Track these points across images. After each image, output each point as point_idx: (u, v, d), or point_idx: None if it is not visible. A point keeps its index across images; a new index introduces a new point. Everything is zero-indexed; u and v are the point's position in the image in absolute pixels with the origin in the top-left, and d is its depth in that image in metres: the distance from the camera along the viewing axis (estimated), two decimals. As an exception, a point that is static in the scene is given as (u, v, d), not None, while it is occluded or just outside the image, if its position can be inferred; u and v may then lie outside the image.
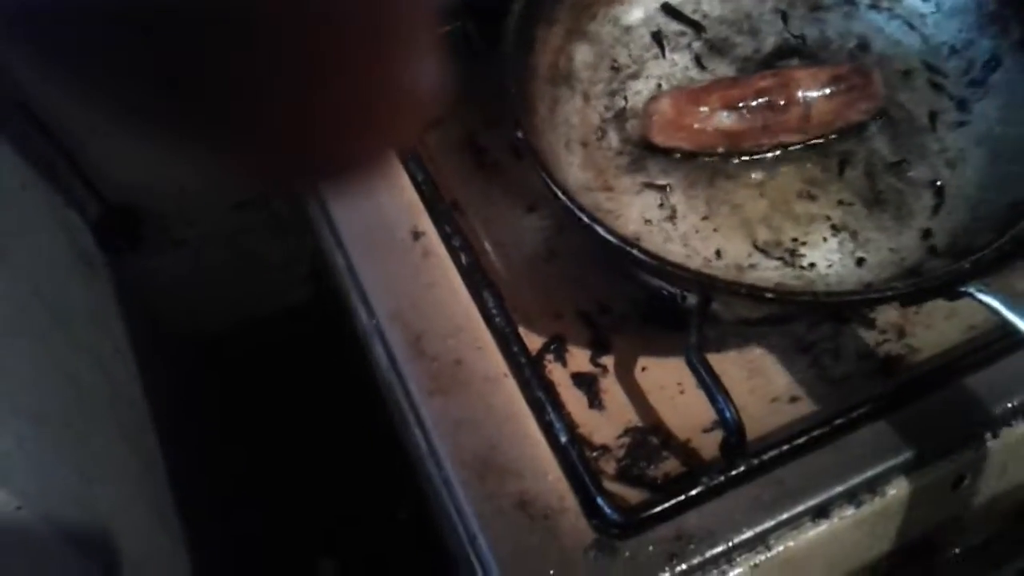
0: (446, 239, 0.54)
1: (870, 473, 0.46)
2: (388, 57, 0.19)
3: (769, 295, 0.45)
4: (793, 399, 0.49)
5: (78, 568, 0.65)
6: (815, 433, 0.46)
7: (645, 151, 0.55)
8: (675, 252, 0.51)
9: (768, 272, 0.51)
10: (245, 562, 0.97)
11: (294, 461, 1.01)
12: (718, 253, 0.51)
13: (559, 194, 0.46)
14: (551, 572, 0.43)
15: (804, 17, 0.62)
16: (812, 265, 0.52)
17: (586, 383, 0.51)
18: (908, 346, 0.51)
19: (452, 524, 0.48)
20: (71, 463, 0.68)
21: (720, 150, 0.54)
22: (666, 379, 0.51)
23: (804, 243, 0.53)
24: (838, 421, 0.46)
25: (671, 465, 0.48)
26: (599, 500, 0.45)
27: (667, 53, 0.60)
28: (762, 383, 0.50)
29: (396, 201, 0.56)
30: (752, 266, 0.52)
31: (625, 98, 0.57)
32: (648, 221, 0.52)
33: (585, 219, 0.45)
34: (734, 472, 0.45)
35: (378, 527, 1.02)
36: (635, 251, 0.45)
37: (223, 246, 1.03)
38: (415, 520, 1.03)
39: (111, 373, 0.85)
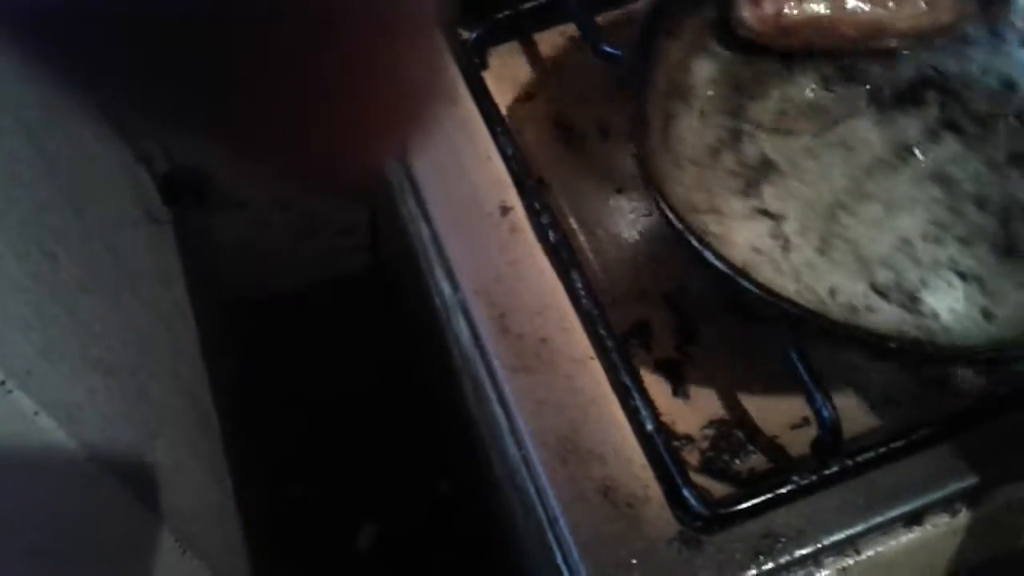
0: (534, 216, 0.53)
1: (969, 482, 0.44)
2: (386, 54, 0.19)
3: (892, 344, 0.43)
4: (888, 401, 0.48)
5: (140, 520, 0.66)
6: (914, 437, 0.45)
7: (758, 173, 0.52)
8: (785, 286, 0.48)
9: (885, 316, 0.48)
10: (290, 522, 0.97)
11: (341, 427, 1.01)
12: (832, 292, 0.49)
13: (671, 217, 0.44)
14: (633, 561, 0.43)
15: (945, 49, 0.57)
16: (935, 314, 0.48)
17: (670, 371, 0.50)
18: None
19: (528, 504, 0.48)
20: (135, 416, 0.69)
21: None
22: (755, 372, 0.50)
23: (926, 288, 0.48)
24: (938, 426, 0.45)
25: (757, 460, 0.47)
26: (685, 492, 0.44)
27: (793, 75, 0.57)
28: (856, 383, 0.49)
29: (484, 175, 0.55)
30: (869, 308, 0.48)
31: (743, 119, 0.55)
32: (757, 250, 0.49)
33: (695, 243, 0.44)
34: (827, 472, 0.44)
35: (419, 498, 1.03)
36: (748, 283, 0.43)
37: (284, 209, 1.03)
38: (456, 494, 1.03)
39: (172, 330, 0.85)
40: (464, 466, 0.90)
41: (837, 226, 0.51)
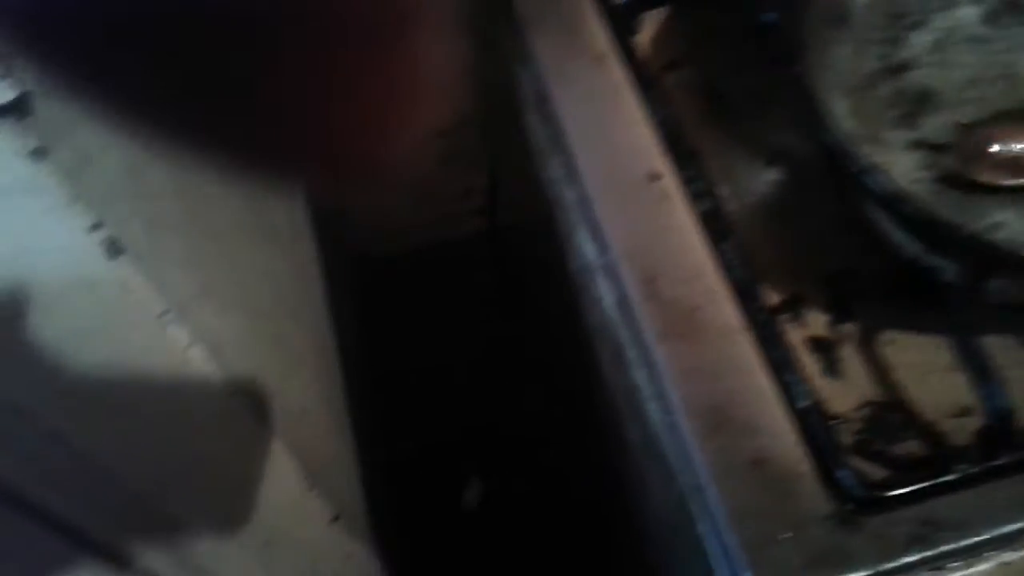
0: (685, 183, 0.52)
1: None
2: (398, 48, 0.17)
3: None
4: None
5: (273, 456, 0.69)
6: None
7: (918, 104, 0.50)
8: (947, 218, 0.47)
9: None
10: (400, 477, 1.00)
11: (452, 387, 1.04)
12: (996, 225, 0.47)
13: (836, 135, 0.43)
14: (786, 536, 0.42)
15: None
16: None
17: (823, 348, 0.49)
18: None
19: (669, 472, 0.48)
20: (272, 357, 0.72)
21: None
22: (912, 356, 0.48)
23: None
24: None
25: (913, 446, 0.46)
26: (841, 471, 0.43)
27: (957, 6, 0.54)
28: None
29: (634, 140, 0.54)
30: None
31: (902, 48, 0.53)
32: (917, 181, 0.48)
33: (857, 167, 0.42)
34: (996, 464, 0.42)
35: (524, 464, 1.04)
36: (914, 209, 0.41)
37: (405, 171, 1.05)
38: (561, 464, 1.04)
39: (303, 281, 0.88)
40: (577, 431, 0.91)
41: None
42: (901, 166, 0.49)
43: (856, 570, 0.41)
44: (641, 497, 0.58)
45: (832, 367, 0.48)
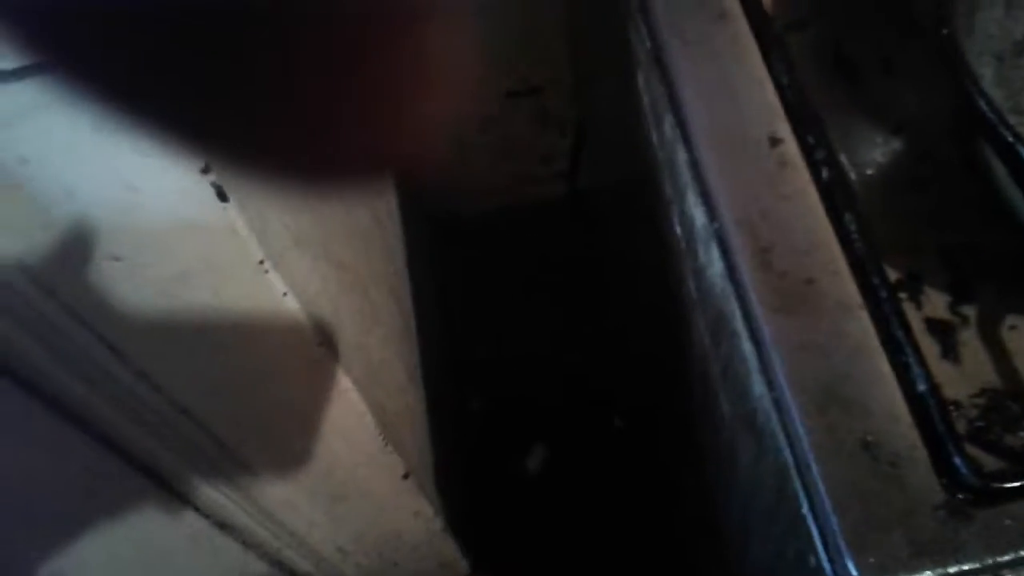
0: (807, 151, 0.50)
1: None
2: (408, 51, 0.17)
3: None
4: None
5: (353, 407, 0.69)
6: None
7: None
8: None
9: None
10: (467, 436, 1.01)
11: (523, 350, 1.03)
12: None
13: (982, 105, 0.40)
14: (893, 521, 0.40)
15: None
16: None
17: (941, 330, 0.47)
18: None
19: (768, 447, 0.46)
20: (356, 309, 0.72)
21: None
22: (1039, 344, 0.45)
23: None
24: None
25: (1034, 438, 0.43)
26: (957, 460, 0.41)
27: None
28: None
29: (754, 102, 0.52)
30: None
31: None
32: None
33: (1014, 136, 0.39)
34: None
35: (593, 429, 1.04)
36: None
37: (490, 131, 1.04)
38: (630, 431, 1.03)
39: (386, 237, 0.88)
40: (651, 399, 0.89)
41: None
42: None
43: (965, 563, 0.40)
44: (729, 470, 0.57)
45: (950, 351, 0.46)
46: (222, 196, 0.46)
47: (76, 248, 0.45)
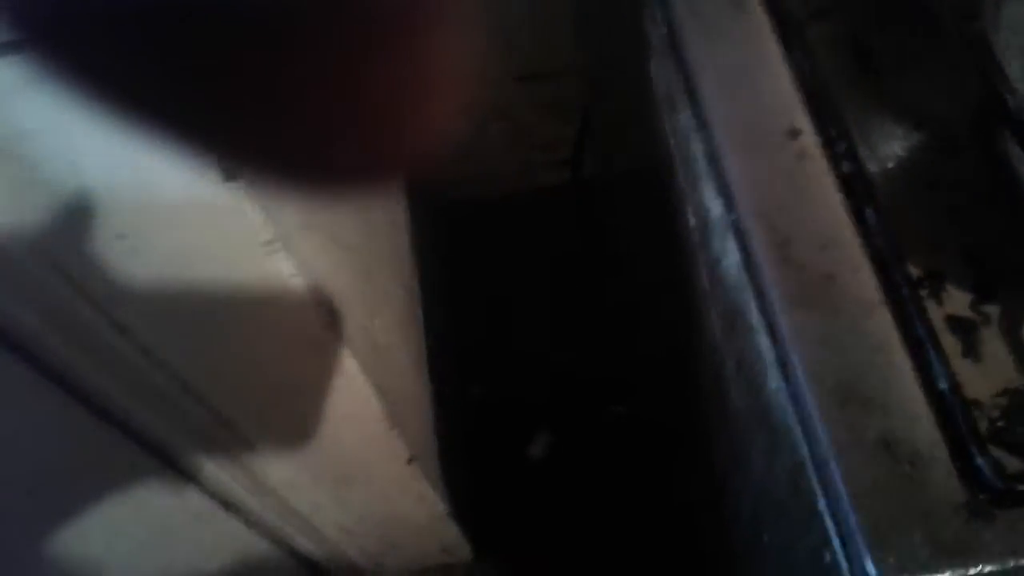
0: (828, 143, 0.49)
1: None
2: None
3: None
4: None
5: (359, 389, 0.69)
6: None
7: None
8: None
9: None
10: (469, 421, 1.00)
11: (526, 337, 1.03)
12: None
13: (1008, 97, 0.39)
14: (913, 521, 0.40)
15: None
16: None
17: (962, 329, 0.46)
18: None
19: (783, 443, 0.46)
20: (362, 293, 0.71)
21: None
22: (1063, 344, 0.45)
23: None
24: None
25: (1056, 440, 0.43)
26: (979, 460, 0.40)
27: None
28: None
29: (773, 93, 0.51)
30: None
31: None
32: None
33: None
34: None
35: (596, 416, 1.03)
36: None
37: (497, 117, 1.03)
38: (630, 418, 1.03)
39: (392, 223, 0.87)
40: (657, 390, 0.89)
41: None
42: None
43: (985, 563, 0.39)
44: (738, 462, 0.56)
45: (971, 349, 0.45)
46: (230, 176, 0.45)
47: (81, 224, 0.44)
